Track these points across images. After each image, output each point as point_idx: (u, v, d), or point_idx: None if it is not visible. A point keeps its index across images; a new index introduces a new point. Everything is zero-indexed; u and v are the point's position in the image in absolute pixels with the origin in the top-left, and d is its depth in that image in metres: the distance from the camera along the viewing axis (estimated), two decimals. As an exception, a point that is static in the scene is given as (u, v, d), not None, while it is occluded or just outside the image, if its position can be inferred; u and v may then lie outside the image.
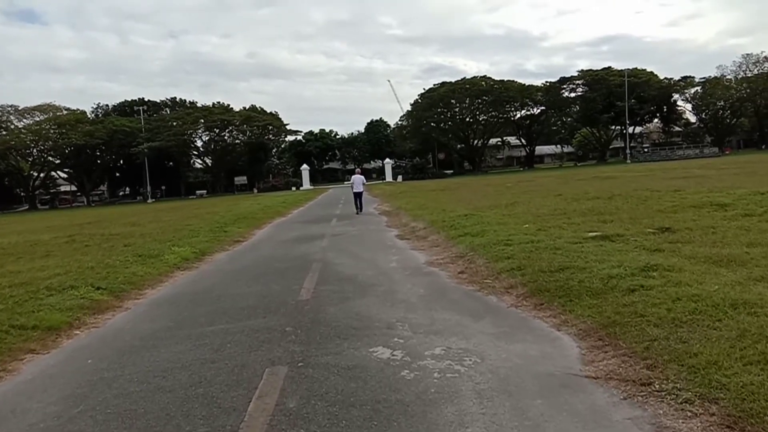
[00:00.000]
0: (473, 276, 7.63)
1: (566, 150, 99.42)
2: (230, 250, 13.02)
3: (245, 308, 6.64)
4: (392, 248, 11.26)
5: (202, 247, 12.95)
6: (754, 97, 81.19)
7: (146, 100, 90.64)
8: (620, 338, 4.55)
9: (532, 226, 11.38)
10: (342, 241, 12.94)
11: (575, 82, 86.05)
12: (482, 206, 17.71)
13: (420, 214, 17.06)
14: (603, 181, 29.92)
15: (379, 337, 5.11)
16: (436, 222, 14.16)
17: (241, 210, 28.45)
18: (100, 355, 5.29)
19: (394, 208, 22.32)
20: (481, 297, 6.53)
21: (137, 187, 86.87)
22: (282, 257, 10.92)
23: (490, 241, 9.61)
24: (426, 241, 11.73)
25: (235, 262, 10.79)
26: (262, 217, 23.24)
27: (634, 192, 17.81)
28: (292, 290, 7.46)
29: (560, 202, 16.62)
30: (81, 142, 72.29)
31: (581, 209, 13.80)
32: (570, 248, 8.29)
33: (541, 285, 6.38)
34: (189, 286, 8.66)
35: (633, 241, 8.69)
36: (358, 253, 10.71)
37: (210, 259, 11.60)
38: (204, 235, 15.47)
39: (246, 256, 11.74)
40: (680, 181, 22.68)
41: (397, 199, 28.50)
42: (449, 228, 12.49)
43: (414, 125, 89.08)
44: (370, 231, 15.07)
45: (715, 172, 28.62)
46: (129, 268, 10.08)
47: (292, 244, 13.16)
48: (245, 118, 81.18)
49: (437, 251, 10.24)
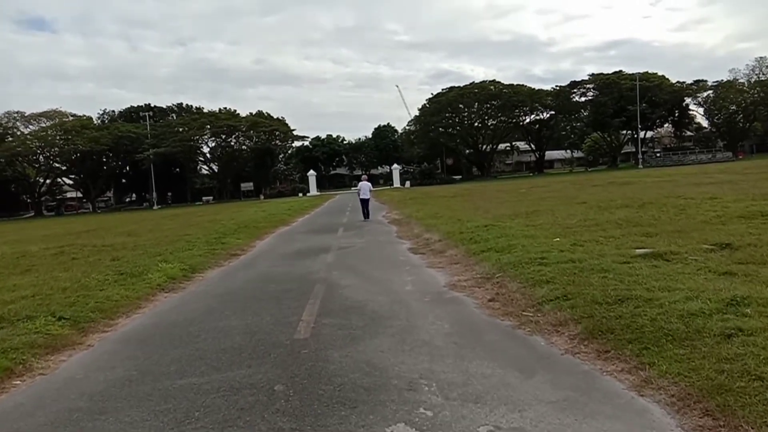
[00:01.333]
0: (508, 305, 6.28)
1: (576, 155, 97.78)
2: (225, 266, 11.72)
3: (228, 351, 5.34)
4: (405, 265, 9.93)
5: (194, 262, 11.67)
6: (767, 101, 79.26)
7: (152, 106, 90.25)
8: (740, 416, 3.21)
9: (565, 239, 10.02)
10: (349, 256, 11.62)
11: (586, 86, 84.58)
12: (501, 215, 16.36)
13: (433, 224, 15.73)
14: (622, 186, 28.46)
15: (398, 405, 3.78)
16: (452, 234, 12.82)
17: (244, 218, 27.24)
18: (28, 426, 3.99)
19: (404, 217, 21.00)
20: (524, 338, 5.19)
21: (143, 194, 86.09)
22: (281, 277, 9.60)
23: (520, 259, 8.27)
24: (443, 257, 10.39)
25: (227, 283, 9.48)
26: (265, 226, 21.98)
27: (665, 199, 16.40)
28: (287, 324, 6.15)
29: (587, 210, 15.24)
30: (86, 148, 71.79)
31: (614, 219, 12.42)
32: (620, 270, 6.94)
33: (600, 323, 5.04)
34: (168, 315, 7.36)
35: (692, 260, 7.33)
36: (367, 272, 9.39)
37: (200, 278, 10.31)
38: (199, 248, 14.21)
39: (240, 274, 10.43)
40: (710, 187, 21.22)
41: (407, 206, 27.17)
42: (469, 241, 11.14)
43: (422, 130, 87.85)
44: (380, 243, 13.75)
45: (742, 177, 27.08)
46: (105, 290, 8.82)
47: (294, 259, 11.85)
48: (252, 124, 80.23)
49: (458, 270, 8.90)
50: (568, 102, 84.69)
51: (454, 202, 26.93)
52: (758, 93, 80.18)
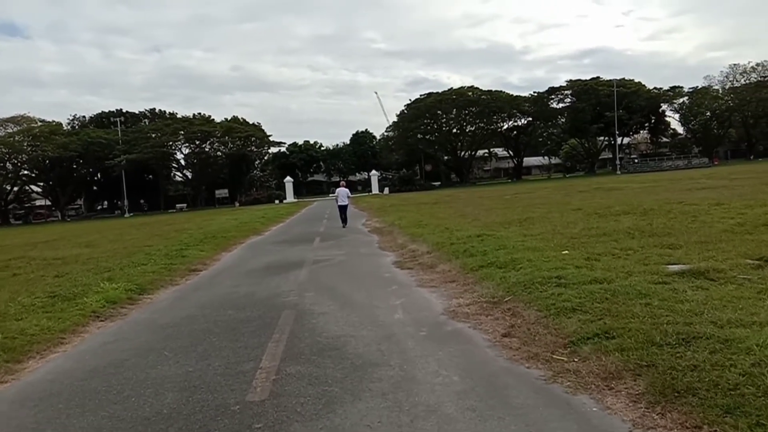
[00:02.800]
0: (530, 344, 4.85)
1: (554, 161, 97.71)
2: (180, 285, 10.07)
3: (152, 421, 3.79)
4: (392, 283, 8.45)
5: (144, 280, 10.00)
6: (742, 107, 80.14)
7: (124, 112, 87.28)
8: None
9: (575, 252, 8.68)
10: (325, 273, 10.09)
11: (564, 92, 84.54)
12: (492, 223, 15.03)
13: (419, 234, 14.31)
14: (610, 192, 27.52)
15: None
16: (442, 245, 11.40)
17: (214, 227, 25.46)
18: None
19: (386, 225, 19.53)
20: (567, 399, 3.74)
21: (116, 201, 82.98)
22: (242, 300, 8.01)
23: (531, 278, 6.86)
24: (435, 273, 8.94)
25: (177, 309, 7.84)
26: (235, 235, 20.29)
27: (667, 206, 15.25)
28: (240, 374, 4.61)
29: (586, 218, 13.97)
30: (55, 154, 68.94)
31: (622, 228, 11.13)
32: (662, 293, 5.59)
33: (671, 376, 3.63)
34: (93, 356, 5.75)
35: (743, 280, 6.02)
36: (346, 294, 7.87)
37: (147, 301, 8.66)
38: (156, 262, 12.53)
39: (195, 296, 8.78)
40: (706, 192, 20.27)
41: (388, 213, 25.71)
42: (463, 254, 9.72)
43: (400, 136, 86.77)
44: (361, 256, 12.24)
45: (732, 182, 26.31)
46: (24, 319, 7.17)
47: (261, 276, 10.26)
48: (227, 130, 78.05)
49: (456, 291, 7.45)
50: (546, 108, 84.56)
51: (437, 209, 25.55)
52: (733, 99, 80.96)
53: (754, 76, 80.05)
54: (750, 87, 78.70)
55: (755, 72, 80.00)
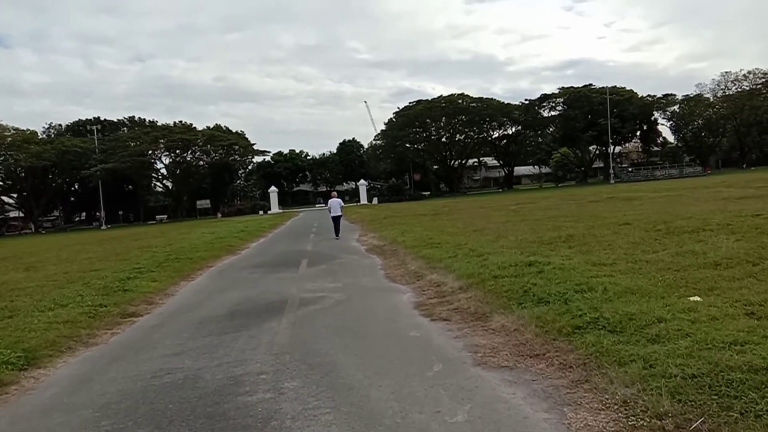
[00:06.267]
0: None
1: (544, 171, 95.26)
2: (95, 348, 6.62)
3: None
4: (430, 356, 5.13)
5: (44, 340, 6.58)
6: (734, 115, 78.58)
7: (102, 119, 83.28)
8: None
9: (709, 299, 5.52)
10: (317, 328, 6.74)
11: (555, 99, 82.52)
12: (523, 241, 11.84)
13: (435, 257, 11.07)
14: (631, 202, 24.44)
15: None
16: (479, 276, 8.15)
17: (185, 243, 22.01)
18: None
19: (386, 243, 16.25)
20: None
21: (94, 212, 78.64)
22: (176, 395, 4.62)
23: (710, 368, 3.68)
24: (492, 332, 5.70)
25: (58, 411, 4.48)
26: (204, 255, 16.85)
27: (739, 219, 12.16)
28: None
29: (658, 237, 10.61)
30: (28, 163, 64.72)
31: (737, 255, 7.92)
32: None
33: None
34: None
35: None
36: (356, 385, 4.53)
37: (22, 388, 5.29)
38: (84, 301, 9.12)
39: (101, 382, 5.24)
40: (751, 203, 17.23)
41: (384, 227, 22.41)
42: (525, 297, 6.48)
43: (389, 145, 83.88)
44: (365, 292, 8.90)
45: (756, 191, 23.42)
46: None
47: (220, 331, 6.88)
48: (209, 138, 74.44)
49: (557, 383, 4.22)
50: (537, 117, 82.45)
51: (441, 221, 22.32)
52: (725, 108, 79.40)
53: (746, 84, 78.73)
54: (744, 95, 77.27)
55: (747, 80, 78.72)
